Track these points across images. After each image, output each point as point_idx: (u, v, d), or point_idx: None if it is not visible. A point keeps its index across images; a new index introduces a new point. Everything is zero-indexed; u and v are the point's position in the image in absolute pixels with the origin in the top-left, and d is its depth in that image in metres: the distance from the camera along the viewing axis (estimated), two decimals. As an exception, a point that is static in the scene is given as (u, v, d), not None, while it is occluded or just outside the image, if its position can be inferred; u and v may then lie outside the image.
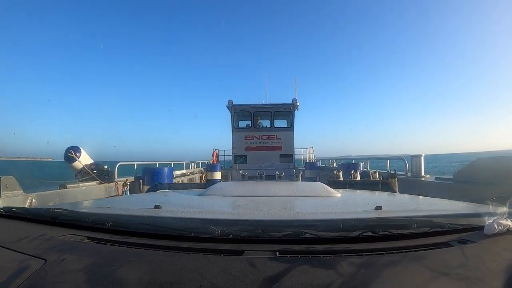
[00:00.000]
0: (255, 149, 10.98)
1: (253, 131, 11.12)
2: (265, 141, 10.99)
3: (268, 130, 11.22)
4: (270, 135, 11.03)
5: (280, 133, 11.05)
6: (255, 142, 10.95)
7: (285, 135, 11.04)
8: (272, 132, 11.06)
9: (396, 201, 2.05)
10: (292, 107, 10.86)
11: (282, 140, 10.98)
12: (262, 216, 1.36)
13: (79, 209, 1.43)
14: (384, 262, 0.88)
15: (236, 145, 11.09)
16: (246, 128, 11.46)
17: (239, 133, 11.21)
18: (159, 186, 2.55)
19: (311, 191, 1.88)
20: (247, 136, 11.01)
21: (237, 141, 11.03)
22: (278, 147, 10.96)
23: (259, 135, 11.03)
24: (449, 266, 0.86)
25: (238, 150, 11.01)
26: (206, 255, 0.94)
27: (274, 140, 10.98)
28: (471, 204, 1.61)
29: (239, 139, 11.03)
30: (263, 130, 11.29)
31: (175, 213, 1.47)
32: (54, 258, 0.93)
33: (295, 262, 0.88)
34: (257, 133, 11.03)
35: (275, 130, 11.13)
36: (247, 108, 11.01)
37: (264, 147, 10.92)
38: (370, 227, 1.05)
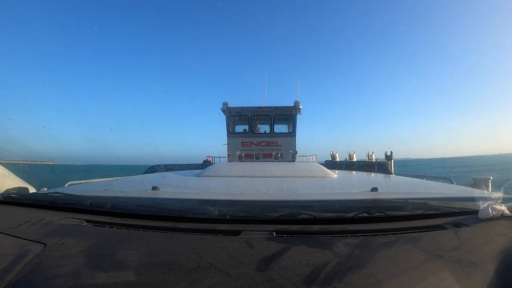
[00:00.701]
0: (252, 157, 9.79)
1: (250, 137, 10.20)
2: (264, 148, 10.03)
3: (267, 136, 10.33)
4: (269, 142, 10.14)
5: (280, 139, 10.15)
6: (252, 149, 10.02)
7: (286, 141, 10.15)
8: (271, 138, 10.18)
9: (391, 182, 2.06)
10: (294, 110, 10.06)
11: (282, 147, 10.04)
12: (259, 196, 1.36)
13: (77, 192, 1.42)
14: (379, 243, 0.89)
15: (231, 152, 10.07)
16: (243, 134, 10.55)
17: (234, 138, 10.32)
18: (156, 167, 2.54)
19: (307, 171, 1.86)
20: (244, 143, 10.16)
21: (233, 148, 10.05)
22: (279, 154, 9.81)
23: (257, 141, 10.13)
24: (443, 249, 0.87)
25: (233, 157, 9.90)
26: (204, 236, 0.95)
27: (273, 147, 10.07)
28: (467, 188, 1.60)
29: (235, 146, 10.12)
30: (262, 136, 10.38)
31: (172, 194, 1.47)
32: (54, 242, 0.94)
33: (292, 242, 0.89)
34: (255, 139, 10.13)
35: (275, 136, 10.27)
36: (244, 111, 10.19)
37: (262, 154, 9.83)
38: (366, 208, 1.06)
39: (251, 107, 10.01)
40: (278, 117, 10.27)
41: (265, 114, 10.17)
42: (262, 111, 10.14)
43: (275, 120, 10.15)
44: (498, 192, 1.23)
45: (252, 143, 9.97)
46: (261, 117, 10.41)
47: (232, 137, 10.22)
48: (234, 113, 10.06)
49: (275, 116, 10.07)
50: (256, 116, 10.32)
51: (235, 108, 9.98)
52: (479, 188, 3.26)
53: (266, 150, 9.84)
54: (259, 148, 9.90)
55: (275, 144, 9.96)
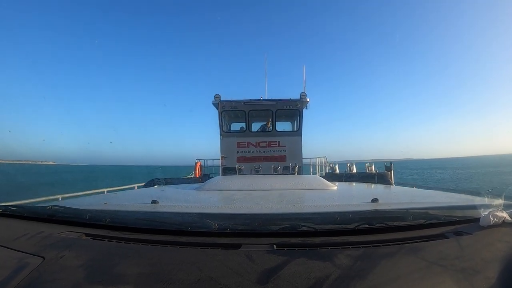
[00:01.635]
0: (250, 160, 8.36)
1: (248, 136, 8.52)
2: (264, 149, 8.39)
3: (268, 135, 8.60)
4: (270, 142, 8.44)
5: (284, 139, 8.51)
6: (250, 151, 8.40)
7: (291, 141, 8.50)
8: (273, 138, 8.46)
9: (392, 193, 2.06)
10: (299, 104, 8.30)
11: (286, 148, 8.43)
12: (259, 209, 1.36)
13: (76, 206, 1.43)
14: (381, 254, 0.89)
15: (225, 155, 8.44)
16: (239, 132, 8.90)
17: (229, 138, 8.57)
18: (156, 181, 2.54)
19: (307, 184, 1.87)
20: (240, 143, 8.47)
21: (227, 150, 8.45)
22: (282, 158, 8.35)
23: (256, 142, 8.44)
24: (445, 258, 0.87)
25: (228, 161, 8.37)
26: (204, 249, 0.94)
27: (276, 148, 8.42)
28: (467, 196, 1.61)
29: (230, 147, 8.47)
30: (262, 135, 8.66)
31: (172, 208, 1.47)
32: (53, 256, 0.93)
33: (293, 255, 0.89)
34: (253, 138, 8.48)
35: (277, 135, 8.55)
36: (240, 105, 8.40)
37: (262, 157, 8.35)
38: (367, 219, 1.06)
39: (248, 100, 8.34)
40: (281, 112, 8.64)
41: (265, 108, 8.51)
42: (261, 105, 8.44)
43: (278, 116, 8.53)
44: (499, 199, 1.23)
45: (250, 144, 8.43)
46: (260, 112, 8.83)
47: (226, 136, 8.57)
48: (228, 108, 8.41)
49: (277, 111, 8.38)
50: (255, 112, 8.71)
51: (229, 102, 8.34)
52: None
53: (266, 151, 8.37)
54: (259, 150, 8.35)
55: (277, 144, 8.39)
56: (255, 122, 9.60)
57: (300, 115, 8.57)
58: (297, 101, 8.41)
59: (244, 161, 8.30)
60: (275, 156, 8.43)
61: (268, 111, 8.62)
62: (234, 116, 9.21)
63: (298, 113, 8.60)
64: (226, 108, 8.48)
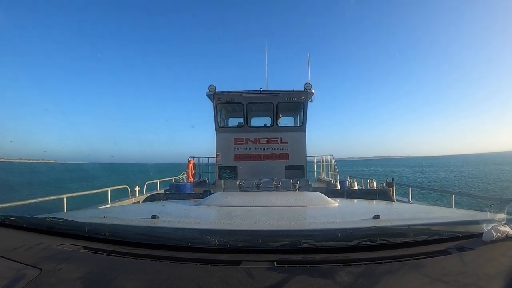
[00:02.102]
0: (249, 158, 7.60)
1: (246, 132, 7.70)
2: (264, 146, 7.61)
3: (269, 131, 7.79)
4: (271, 138, 7.66)
5: (286, 135, 7.70)
6: (249, 148, 7.62)
7: (294, 137, 7.71)
8: (274, 134, 7.66)
9: (393, 209, 2.06)
10: (304, 95, 7.44)
11: (289, 145, 7.63)
12: (259, 226, 1.36)
13: (75, 218, 1.43)
14: (383, 271, 0.88)
15: (221, 152, 7.67)
16: (236, 128, 8.08)
17: (225, 134, 7.76)
18: (156, 196, 2.55)
19: (308, 200, 1.88)
20: (238, 140, 7.68)
21: (223, 147, 7.68)
22: (284, 156, 7.60)
23: (256, 138, 7.66)
24: (448, 274, 0.86)
25: (224, 159, 7.64)
26: (204, 266, 0.93)
27: (277, 145, 7.62)
28: (469, 211, 1.61)
29: (226, 144, 7.68)
30: (262, 131, 7.87)
31: (172, 223, 1.46)
32: (50, 268, 0.92)
33: (293, 272, 0.88)
34: (252, 134, 7.69)
35: (279, 131, 7.74)
36: (237, 97, 7.52)
37: (262, 155, 7.58)
38: (368, 236, 1.05)
39: (246, 92, 7.46)
40: (284, 105, 7.82)
41: (265, 101, 7.65)
42: (261, 97, 7.56)
43: (279, 109, 7.73)
44: (502, 213, 1.22)
45: (249, 140, 7.61)
46: (260, 106, 8.01)
47: (222, 132, 7.75)
48: (224, 100, 7.59)
49: (279, 104, 7.51)
50: (254, 105, 7.84)
51: (225, 93, 7.50)
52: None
53: (267, 149, 7.56)
54: (258, 147, 7.56)
55: (278, 141, 7.60)
56: (254, 117, 8.78)
57: (304, 109, 7.59)
58: (301, 92, 7.44)
59: (242, 159, 7.57)
60: (276, 154, 7.61)
61: (268, 104, 7.67)
62: (231, 109, 8.37)
63: (302, 106, 7.60)
64: (222, 100, 7.60)
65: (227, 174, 7.51)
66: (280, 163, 7.55)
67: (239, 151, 7.70)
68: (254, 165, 7.51)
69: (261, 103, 7.96)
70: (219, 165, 7.67)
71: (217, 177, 7.60)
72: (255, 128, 8.25)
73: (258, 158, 7.61)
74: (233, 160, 7.63)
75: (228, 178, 7.38)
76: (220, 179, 7.40)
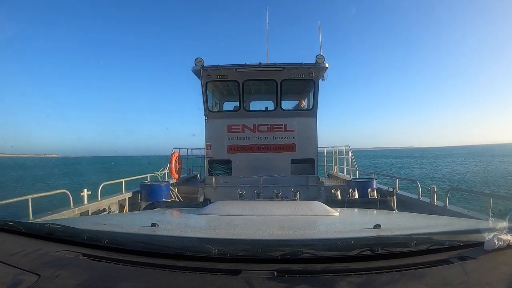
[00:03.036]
0: (246, 149, 6.14)
1: (242, 117, 6.22)
2: (265, 135, 6.11)
3: (271, 116, 6.24)
4: (274, 125, 6.13)
5: (292, 121, 6.19)
6: (246, 138, 6.16)
7: (302, 124, 6.18)
8: (278, 119, 6.14)
9: (394, 219, 2.05)
10: (315, 71, 5.82)
11: (296, 133, 6.10)
12: (259, 235, 1.35)
13: (74, 225, 1.43)
14: (384, 281, 0.87)
15: (212, 143, 6.23)
16: (230, 112, 6.66)
17: (217, 120, 6.30)
18: (156, 204, 2.56)
19: (309, 210, 1.88)
20: (232, 127, 6.18)
21: (214, 136, 6.24)
22: (289, 147, 6.10)
23: (254, 125, 6.13)
24: (450, 283, 0.86)
25: (215, 151, 6.22)
26: (203, 275, 0.93)
27: (281, 134, 6.11)
28: (471, 220, 1.60)
29: (218, 132, 6.22)
30: (262, 115, 6.32)
31: (172, 231, 1.46)
32: (48, 274, 0.92)
33: (293, 282, 0.87)
34: (250, 120, 6.18)
35: (283, 115, 6.21)
36: (231, 73, 5.93)
37: (263, 146, 6.11)
38: (369, 245, 1.05)
39: (242, 66, 5.82)
40: (289, 84, 6.29)
41: (266, 78, 6.14)
42: (261, 73, 5.98)
43: (284, 88, 6.18)
44: (503, 222, 1.22)
45: (246, 127, 6.14)
46: (260, 84, 6.60)
47: (213, 117, 6.29)
48: (215, 77, 6.06)
49: (283, 82, 5.98)
50: (252, 83, 6.40)
51: (215, 68, 5.90)
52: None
53: (268, 138, 6.10)
54: (258, 136, 6.12)
55: (283, 128, 6.12)
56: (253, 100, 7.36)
57: (315, 88, 6.00)
58: (311, 67, 5.80)
59: (237, 151, 6.13)
60: (280, 144, 6.08)
61: (270, 82, 6.15)
62: (224, 89, 6.89)
63: (313, 85, 6.02)
64: (212, 77, 6.04)
65: (219, 169, 6.23)
66: (284, 155, 6.11)
67: (233, 141, 6.22)
68: (252, 158, 6.11)
69: (261, 81, 6.39)
70: (209, 158, 6.28)
71: (207, 173, 6.25)
72: (254, 112, 6.67)
73: (257, 150, 6.15)
74: (227, 152, 6.20)
75: (221, 174, 6.14)
76: (211, 176, 6.02)
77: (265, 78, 6.30)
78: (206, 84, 6.10)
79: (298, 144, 6.17)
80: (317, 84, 5.99)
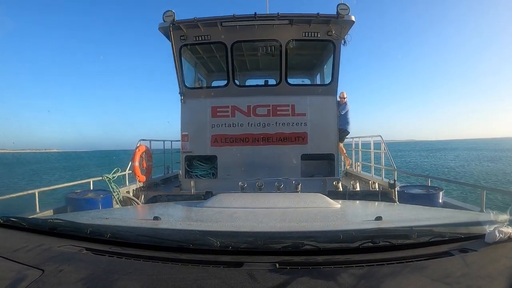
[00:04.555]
0: (237, 141, 4.53)
1: (232, 95, 4.59)
2: (265, 120, 4.49)
3: (273, 93, 4.58)
4: (277, 106, 4.48)
5: (303, 101, 4.49)
6: (238, 124, 4.54)
7: (317, 104, 4.51)
8: (282, 98, 4.51)
9: (396, 211, 2.06)
10: (335, 28, 4.18)
11: (308, 118, 4.46)
12: (261, 227, 1.37)
13: (77, 220, 1.45)
14: (385, 273, 0.88)
15: (189, 132, 4.64)
16: (216, 89, 5.10)
17: (195, 101, 4.65)
18: (158, 197, 2.58)
19: (310, 202, 1.89)
20: (218, 109, 4.55)
21: (192, 123, 4.66)
22: (299, 137, 4.46)
23: (249, 106, 4.49)
24: (450, 275, 0.86)
25: (194, 144, 4.64)
26: (205, 267, 0.94)
27: (287, 119, 4.49)
28: (472, 212, 1.61)
29: (198, 117, 4.65)
30: (260, 93, 4.66)
31: (174, 224, 1.47)
32: (52, 269, 0.93)
33: (295, 274, 0.88)
34: (243, 100, 4.54)
35: (290, 93, 4.54)
36: (215, 32, 4.23)
37: (261, 136, 4.47)
38: (371, 237, 1.06)
39: (229, 19, 4.12)
40: (299, 46, 4.50)
41: (265, 38, 4.33)
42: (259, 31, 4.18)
43: (292, 55, 4.45)
44: (504, 214, 1.23)
45: (238, 110, 4.43)
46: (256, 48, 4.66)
47: (192, 96, 4.58)
48: (192, 39, 4.32)
49: (290, 43, 4.21)
50: (246, 46, 4.61)
51: (192, 24, 4.14)
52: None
53: (270, 125, 4.40)
54: (254, 122, 4.42)
55: (290, 111, 4.40)
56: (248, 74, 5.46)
57: (335, 54, 4.26)
58: (330, 20, 4.07)
59: (225, 143, 4.48)
60: (286, 134, 4.37)
61: (271, 43, 4.36)
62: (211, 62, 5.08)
63: (332, 49, 4.28)
64: (188, 39, 4.28)
65: (199, 169, 4.70)
66: (292, 150, 4.43)
67: (220, 129, 4.47)
68: (246, 153, 4.44)
69: (259, 42, 4.47)
70: (187, 153, 4.65)
71: (184, 175, 4.73)
72: (249, 88, 4.93)
73: (254, 142, 4.44)
74: (210, 144, 4.53)
75: (202, 175, 4.67)
76: (189, 179, 4.55)
77: (264, 39, 4.34)
78: (180, 49, 4.33)
79: (311, 133, 4.42)
80: (338, 48, 4.23)
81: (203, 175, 4.73)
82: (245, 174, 4.14)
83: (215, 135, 4.57)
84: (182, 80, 4.56)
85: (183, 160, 4.76)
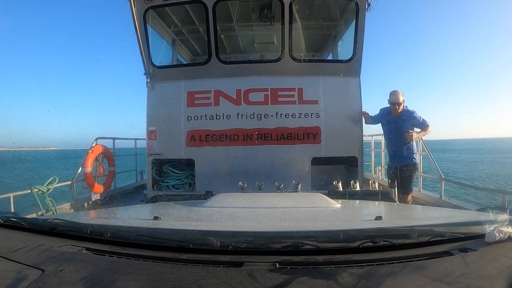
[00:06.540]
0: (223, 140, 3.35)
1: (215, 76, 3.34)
2: (261, 110, 3.27)
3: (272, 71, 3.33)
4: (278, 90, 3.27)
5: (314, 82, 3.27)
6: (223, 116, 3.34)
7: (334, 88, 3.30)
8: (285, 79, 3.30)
9: (396, 211, 2.07)
10: None
11: (322, 106, 3.25)
12: (261, 227, 1.37)
13: (77, 219, 1.45)
14: (385, 273, 0.88)
15: (158, 128, 3.52)
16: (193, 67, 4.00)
17: (167, 84, 3.51)
18: (158, 197, 2.58)
19: (310, 202, 1.90)
20: (196, 95, 3.35)
21: (162, 115, 3.54)
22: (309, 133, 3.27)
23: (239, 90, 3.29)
24: (450, 275, 0.87)
25: (164, 143, 3.52)
26: (205, 267, 0.94)
27: (292, 108, 3.26)
28: (472, 212, 1.62)
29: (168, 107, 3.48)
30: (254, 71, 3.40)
31: (174, 224, 1.47)
32: (52, 269, 0.94)
33: (295, 274, 0.88)
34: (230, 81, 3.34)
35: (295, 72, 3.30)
36: None
37: (255, 133, 3.29)
38: (371, 237, 1.06)
39: None
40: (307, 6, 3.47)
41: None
42: None
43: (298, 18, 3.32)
44: (504, 214, 1.23)
45: (224, 96, 3.34)
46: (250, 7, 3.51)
47: (161, 79, 3.51)
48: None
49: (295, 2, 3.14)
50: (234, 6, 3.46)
51: None
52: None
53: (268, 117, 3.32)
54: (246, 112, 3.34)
55: (296, 97, 3.30)
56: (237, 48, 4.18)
57: (358, 19, 3.21)
58: None
59: (206, 142, 3.39)
60: (291, 129, 3.32)
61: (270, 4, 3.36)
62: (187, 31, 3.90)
63: (355, 10, 3.21)
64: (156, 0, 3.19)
65: (171, 178, 3.66)
66: (299, 151, 3.39)
67: (198, 123, 3.40)
68: (234, 156, 3.39)
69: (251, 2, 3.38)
70: (154, 156, 3.59)
71: (152, 185, 3.68)
72: (238, 66, 3.63)
73: (246, 140, 3.38)
74: (185, 144, 3.45)
75: (175, 187, 3.64)
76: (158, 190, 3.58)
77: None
78: (144, 14, 3.19)
79: (326, 128, 3.30)
80: (362, 9, 3.12)
81: (177, 185, 3.64)
82: (233, 186, 2.85)
83: (191, 131, 3.38)
84: (147, 56, 3.35)
85: (149, 165, 3.65)
